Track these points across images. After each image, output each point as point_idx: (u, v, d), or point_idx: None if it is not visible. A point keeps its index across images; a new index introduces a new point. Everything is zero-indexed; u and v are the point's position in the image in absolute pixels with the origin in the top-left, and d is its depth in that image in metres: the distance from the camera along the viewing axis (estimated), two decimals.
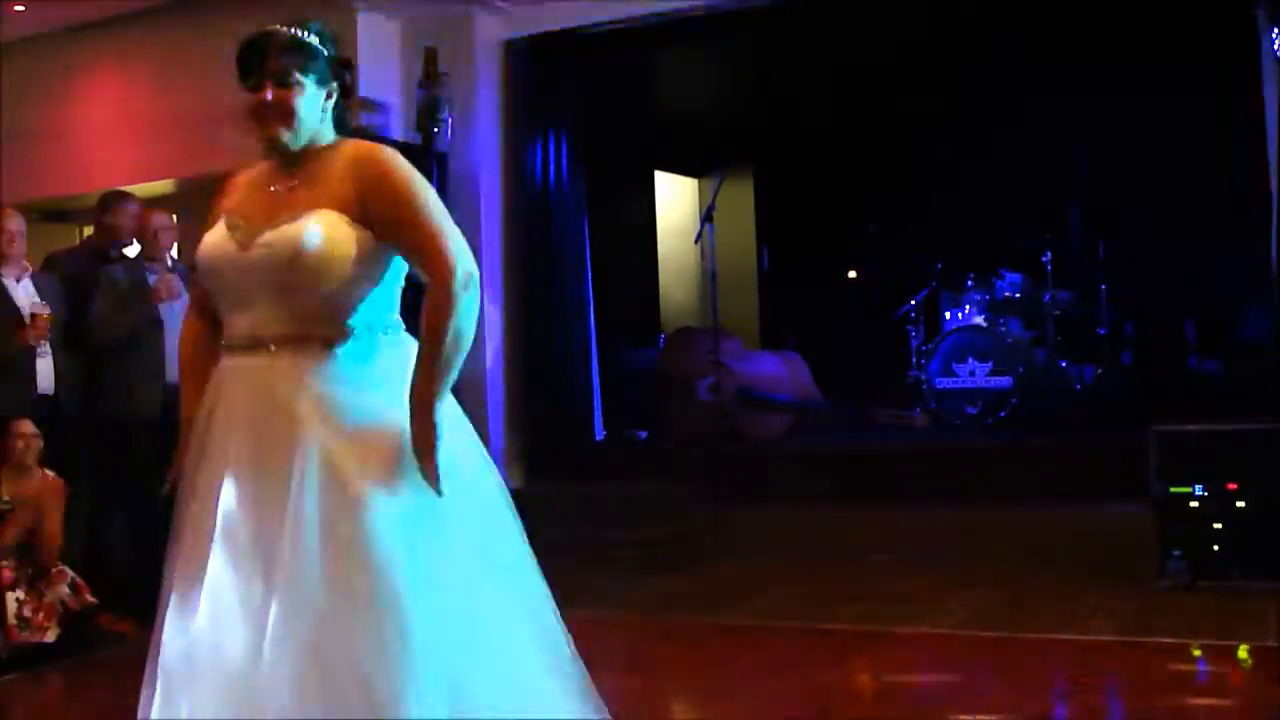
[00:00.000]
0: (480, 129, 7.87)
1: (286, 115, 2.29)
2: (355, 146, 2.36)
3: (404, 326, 2.37)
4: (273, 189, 2.33)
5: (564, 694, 2.31)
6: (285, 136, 2.30)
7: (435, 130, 7.27)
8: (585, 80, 8.05)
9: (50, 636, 4.84)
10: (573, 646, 2.35)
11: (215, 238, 2.32)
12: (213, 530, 2.19)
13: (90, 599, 5.01)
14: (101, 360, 5.55)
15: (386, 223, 2.26)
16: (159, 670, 2.24)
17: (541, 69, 7.98)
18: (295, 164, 2.34)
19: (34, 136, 8.41)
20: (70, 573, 5.01)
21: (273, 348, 2.23)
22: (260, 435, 2.20)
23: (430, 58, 7.34)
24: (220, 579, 2.17)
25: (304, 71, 2.29)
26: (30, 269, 5.52)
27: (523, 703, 2.23)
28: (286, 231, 2.23)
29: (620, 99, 8.68)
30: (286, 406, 2.19)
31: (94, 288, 5.57)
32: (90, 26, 8.33)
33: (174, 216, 6.20)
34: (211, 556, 2.19)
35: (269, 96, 2.28)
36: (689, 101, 9.75)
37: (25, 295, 5.39)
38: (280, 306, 2.24)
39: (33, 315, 5.26)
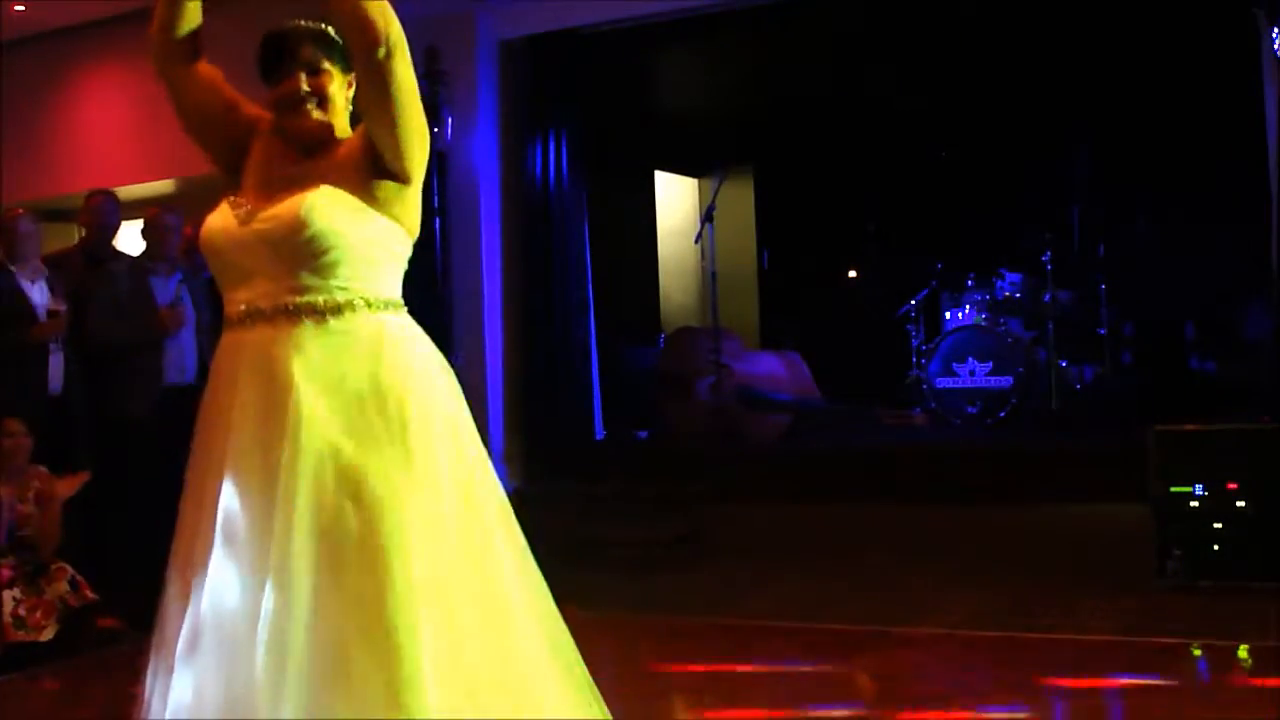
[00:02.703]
0: (480, 129, 7.87)
1: (323, 101, 2.35)
2: None
3: (405, 305, 2.36)
4: (281, 173, 2.34)
5: (569, 693, 2.30)
6: (320, 121, 2.35)
7: (435, 130, 7.27)
8: (585, 80, 8.05)
9: (47, 636, 4.82)
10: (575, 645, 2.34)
11: (218, 217, 2.34)
12: (215, 516, 2.18)
13: (90, 595, 4.99)
14: (100, 361, 5.54)
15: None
16: (164, 652, 2.22)
17: (541, 69, 7.98)
18: (310, 152, 2.36)
19: (34, 136, 8.42)
20: (70, 570, 4.99)
21: (271, 319, 2.23)
22: (259, 416, 2.19)
23: (431, 57, 7.34)
24: (222, 564, 2.16)
25: (331, 61, 2.36)
26: (45, 270, 5.54)
27: (527, 702, 2.22)
28: (287, 205, 2.24)
29: (620, 99, 8.67)
30: (284, 380, 2.19)
31: (93, 292, 5.55)
32: (90, 26, 8.34)
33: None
34: (214, 542, 2.17)
35: (305, 84, 2.33)
36: (689, 101, 9.74)
37: (40, 295, 5.41)
38: (279, 279, 2.24)
39: (49, 312, 5.30)
